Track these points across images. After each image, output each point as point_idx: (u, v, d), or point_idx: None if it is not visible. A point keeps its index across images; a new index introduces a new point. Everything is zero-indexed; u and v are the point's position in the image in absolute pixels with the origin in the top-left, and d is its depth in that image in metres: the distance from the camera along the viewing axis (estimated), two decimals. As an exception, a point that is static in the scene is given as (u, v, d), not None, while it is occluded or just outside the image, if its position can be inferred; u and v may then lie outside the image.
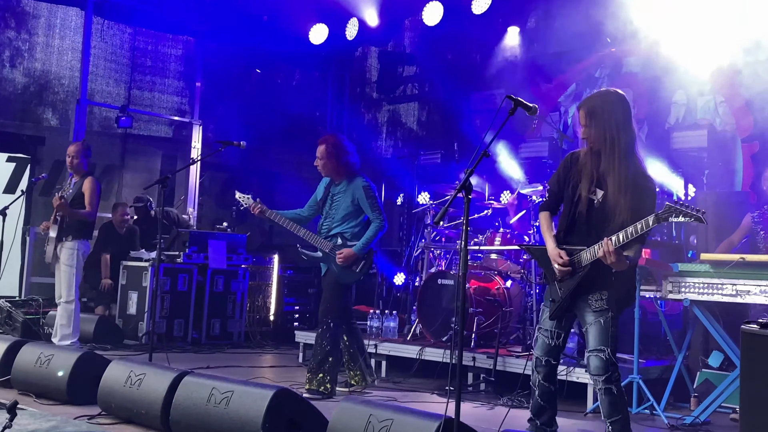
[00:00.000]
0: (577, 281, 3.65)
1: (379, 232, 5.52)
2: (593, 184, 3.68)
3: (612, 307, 3.64)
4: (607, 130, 3.63)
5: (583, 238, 3.69)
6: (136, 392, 4.31)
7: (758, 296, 4.82)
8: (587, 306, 3.67)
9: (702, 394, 5.30)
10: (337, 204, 5.59)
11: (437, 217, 3.66)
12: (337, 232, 5.56)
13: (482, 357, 5.88)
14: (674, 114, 7.95)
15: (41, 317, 7.65)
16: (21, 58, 9.40)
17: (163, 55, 10.39)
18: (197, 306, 8.31)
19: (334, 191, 5.64)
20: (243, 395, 3.85)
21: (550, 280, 3.83)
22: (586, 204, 3.68)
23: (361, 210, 5.55)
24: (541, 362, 3.79)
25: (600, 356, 3.60)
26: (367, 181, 5.60)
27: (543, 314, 3.86)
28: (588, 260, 3.61)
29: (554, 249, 3.73)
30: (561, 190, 3.86)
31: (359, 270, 5.53)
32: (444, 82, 9.63)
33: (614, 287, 3.67)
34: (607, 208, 3.63)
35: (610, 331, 3.61)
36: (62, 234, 6.55)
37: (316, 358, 5.46)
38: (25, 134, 9.25)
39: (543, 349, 3.80)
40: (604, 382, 3.60)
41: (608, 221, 3.61)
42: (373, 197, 5.54)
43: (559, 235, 3.79)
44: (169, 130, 10.58)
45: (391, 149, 10.48)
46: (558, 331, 3.78)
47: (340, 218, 5.57)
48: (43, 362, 4.97)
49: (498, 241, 6.85)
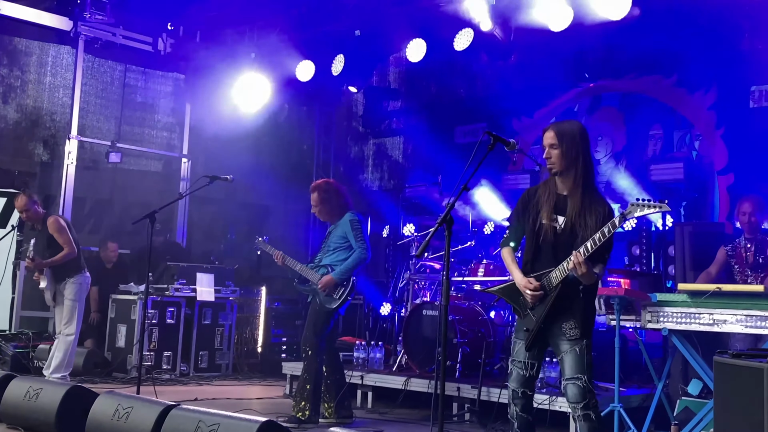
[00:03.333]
0: (550, 302, 3.70)
1: (360, 261, 5.68)
2: (553, 212, 3.78)
3: (586, 334, 3.70)
4: (572, 152, 3.74)
5: (549, 264, 3.76)
6: (124, 425, 4.33)
7: (734, 325, 4.91)
8: (561, 334, 3.72)
9: (682, 422, 5.33)
10: (331, 239, 5.82)
11: (419, 250, 3.74)
12: (326, 263, 5.76)
13: (467, 387, 5.94)
14: (651, 147, 8.16)
15: (31, 351, 7.69)
16: (13, 94, 9.53)
17: (153, 91, 10.56)
18: (185, 338, 8.37)
19: (331, 230, 5.91)
20: (229, 428, 3.88)
21: (521, 313, 3.87)
22: (550, 231, 3.77)
23: (350, 244, 5.73)
24: (517, 394, 3.81)
25: (577, 384, 3.64)
26: (356, 215, 5.82)
27: (515, 347, 3.88)
28: (558, 278, 3.67)
29: (522, 278, 3.78)
30: (521, 225, 3.93)
31: (339, 296, 5.65)
32: (428, 116, 9.84)
33: (584, 311, 3.73)
34: (570, 231, 3.72)
35: (586, 358, 3.66)
36: (58, 278, 6.64)
37: (298, 386, 5.66)
38: (17, 169, 9.33)
39: (518, 381, 3.80)
40: (582, 409, 3.64)
41: (572, 243, 3.69)
42: (358, 229, 5.72)
43: (526, 266, 3.86)
44: (159, 165, 10.70)
45: (377, 182, 10.64)
46: (532, 362, 3.80)
47: (331, 251, 5.79)
48: (32, 396, 4.99)
49: (481, 272, 6.98)
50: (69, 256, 6.64)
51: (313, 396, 5.56)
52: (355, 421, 5.87)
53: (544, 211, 3.79)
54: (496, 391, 5.81)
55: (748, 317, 4.83)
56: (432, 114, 9.81)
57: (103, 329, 8.41)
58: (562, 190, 3.82)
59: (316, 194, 5.81)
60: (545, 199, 3.81)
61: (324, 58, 9.42)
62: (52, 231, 6.63)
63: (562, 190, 3.82)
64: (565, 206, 3.78)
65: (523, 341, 3.82)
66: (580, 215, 3.70)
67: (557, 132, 3.78)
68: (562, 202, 3.80)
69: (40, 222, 6.75)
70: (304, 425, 5.49)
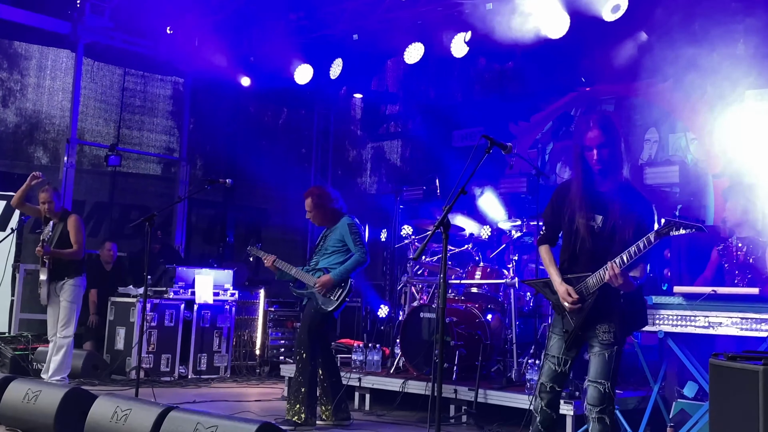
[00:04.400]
0: (587, 310, 3.67)
1: (359, 264, 5.73)
2: (591, 210, 3.71)
3: (619, 341, 3.68)
4: (619, 150, 3.70)
5: (586, 265, 3.69)
6: (122, 427, 4.34)
7: (729, 327, 4.93)
8: (595, 336, 3.69)
9: (678, 424, 5.35)
10: (328, 242, 5.87)
11: (417, 253, 3.78)
12: (323, 266, 5.80)
13: (464, 389, 5.96)
14: (647, 151, 8.21)
15: (30, 353, 7.71)
16: (13, 98, 9.58)
17: (152, 95, 10.62)
18: (184, 341, 8.40)
19: (326, 233, 5.97)
20: (227, 430, 3.89)
21: (560, 311, 3.82)
22: (586, 231, 3.70)
23: (348, 248, 5.78)
24: (546, 388, 3.78)
25: (599, 388, 3.64)
26: (353, 219, 5.87)
27: (550, 341, 3.83)
28: (595, 285, 3.62)
29: (561, 285, 3.72)
30: (557, 221, 3.86)
31: (336, 298, 5.68)
32: (426, 120, 9.90)
33: (623, 316, 3.69)
34: (609, 231, 3.66)
35: (613, 364, 3.65)
36: (55, 275, 6.66)
37: (291, 389, 5.68)
38: (16, 173, 9.36)
39: (549, 375, 3.78)
40: (598, 412, 3.65)
41: (611, 243, 3.63)
42: (356, 233, 5.78)
43: (563, 266, 3.80)
44: (158, 168, 10.76)
45: (375, 185, 10.69)
46: (566, 358, 3.77)
47: (328, 254, 5.84)
48: (31, 398, 5.00)
49: (478, 275, 7.01)
50: (75, 255, 6.69)
51: (308, 398, 5.57)
52: (353, 423, 5.90)
53: (582, 209, 3.71)
54: (493, 393, 5.85)
55: (743, 320, 4.87)
56: (430, 118, 9.86)
57: (102, 332, 8.44)
58: (601, 185, 3.74)
59: (309, 200, 5.88)
60: (581, 196, 3.72)
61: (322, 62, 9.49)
62: (71, 227, 6.69)
63: (601, 185, 3.74)
64: (604, 204, 3.71)
65: (559, 337, 3.79)
66: (619, 215, 3.64)
67: (604, 129, 3.68)
68: (600, 198, 3.72)
69: (57, 216, 6.80)
70: (301, 428, 5.51)
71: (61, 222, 6.77)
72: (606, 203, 3.70)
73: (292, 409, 5.58)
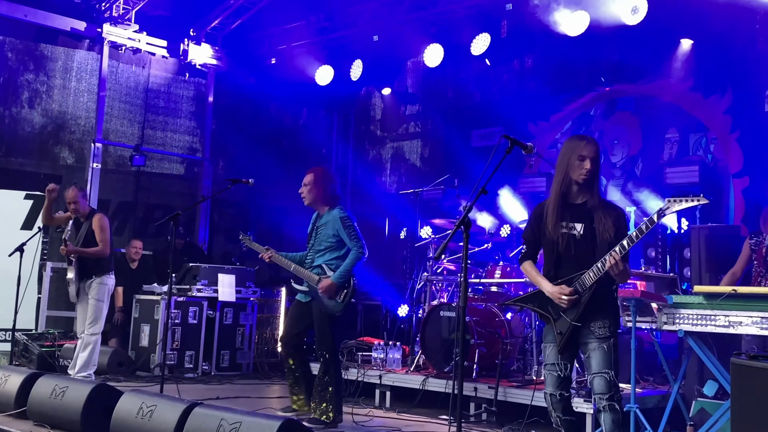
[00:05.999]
0: (584, 304, 3.78)
1: (358, 260, 5.57)
2: (569, 220, 3.90)
3: (614, 333, 3.81)
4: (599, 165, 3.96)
5: (572, 270, 3.86)
6: (148, 423, 4.37)
7: (750, 327, 4.91)
8: (590, 333, 3.80)
9: (698, 423, 5.33)
10: (321, 236, 5.69)
11: (438, 252, 3.79)
12: (320, 263, 5.66)
13: (484, 387, 6.01)
14: (667, 150, 8.21)
15: (57, 350, 7.84)
16: (39, 99, 9.76)
17: (175, 96, 10.77)
18: (207, 338, 8.51)
19: (318, 224, 5.77)
20: (251, 426, 3.91)
21: (552, 318, 3.93)
22: (569, 239, 3.88)
23: (343, 242, 5.63)
24: (555, 398, 3.86)
25: (604, 377, 3.73)
26: (345, 211, 5.70)
27: (545, 351, 3.94)
28: (592, 280, 3.76)
29: (552, 287, 3.87)
30: (537, 239, 4.03)
31: (341, 300, 5.57)
32: (445, 120, 9.94)
33: (615, 310, 3.86)
34: (589, 236, 3.84)
35: (613, 355, 3.76)
36: (83, 274, 6.75)
37: (317, 389, 5.56)
38: (42, 172, 9.55)
39: (553, 384, 3.87)
40: (608, 400, 3.73)
41: (593, 248, 3.82)
42: (350, 226, 5.60)
43: (548, 276, 3.92)
44: (181, 167, 10.91)
45: (394, 185, 10.74)
46: (564, 363, 3.86)
47: (323, 250, 5.67)
48: (58, 394, 5.04)
49: (498, 274, 7.05)
50: (100, 254, 6.76)
51: (336, 397, 5.54)
52: (374, 420, 5.97)
53: (559, 221, 3.90)
54: (512, 391, 5.90)
55: (764, 319, 4.87)
56: (449, 118, 9.90)
57: (127, 329, 8.57)
58: (577, 198, 3.94)
59: (312, 175, 5.73)
60: (560, 210, 3.91)
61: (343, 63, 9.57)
62: (96, 227, 6.74)
63: (577, 198, 3.94)
64: (581, 213, 3.90)
65: (553, 344, 3.89)
66: (600, 220, 3.84)
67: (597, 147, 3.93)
68: (577, 209, 3.92)
69: (84, 215, 6.90)
70: (329, 428, 5.46)
71: (87, 221, 6.86)
72: (584, 213, 3.90)
73: (319, 408, 5.50)
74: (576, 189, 3.92)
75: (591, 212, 3.89)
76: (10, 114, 9.54)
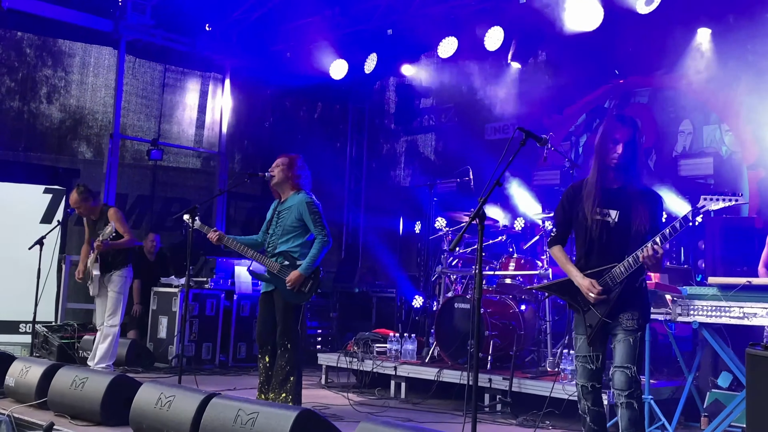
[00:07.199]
0: (614, 298, 3.73)
1: (324, 249, 5.37)
2: (606, 206, 3.78)
3: (642, 326, 3.77)
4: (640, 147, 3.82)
5: (603, 257, 3.76)
6: (166, 413, 4.40)
7: (765, 318, 4.91)
8: (619, 324, 3.75)
9: (712, 414, 5.35)
10: (282, 221, 5.46)
11: (452, 244, 3.78)
12: (282, 250, 5.41)
13: (498, 378, 6.02)
14: (681, 142, 8.19)
15: (76, 341, 7.94)
16: (57, 94, 9.89)
17: (191, 90, 10.88)
18: (224, 330, 8.60)
19: (280, 209, 5.54)
20: (268, 416, 3.93)
21: (581, 309, 3.86)
22: (603, 227, 3.78)
23: (307, 228, 5.41)
24: (587, 389, 3.81)
25: (626, 372, 3.69)
26: (311, 197, 5.48)
27: (577, 342, 3.87)
28: (624, 273, 3.68)
29: (584, 279, 3.78)
30: (568, 221, 3.92)
31: (308, 290, 5.39)
32: (459, 114, 9.97)
33: (644, 302, 3.79)
34: (625, 226, 3.74)
35: (637, 349, 3.72)
36: (103, 268, 6.81)
37: (277, 379, 5.37)
38: (61, 167, 9.68)
39: (585, 375, 3.82)
40: (626, 397, 3.69)
41: (626, 236, 3.70)
42: (316, 212, 5.39)
43: (579, 262, 3.85)
44: (198, 161, 11.01)
45: (409, 178, 10.80)
46: (596, 354, 3.81)
47: (285, 235, 5.42)
48: (78, 385, 5.10)
49: (512, 266, 7.08)
50: (130, 243, 6.85)
51: (296, 387, 5.39)
52: (390, 410, 6.03)
53: (595, 206, 3.79)
54: (526, 383, 5.92)
55: (778, 311, 4.88)
56: (463, 111, 9.93)
57: (146, 321, 8.67)
58: (613, 183, 3.82)
59: (287, 158, 5.55)
60: (594, 194, 3.80)
61: (357, 57, 9.61)
62: (114, 220, 6.73)
63: (613, 183, 3.82)
64: (617, 199, 3.79)
65: (584, 336, 3.84)
66: (636, 208, 3.73)
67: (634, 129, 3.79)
68: (614, 194, 3.80)
69: (96, 213, 6.94)
70: None
71: (101, 218, 6.88)
72: (620, 199, 3.78)
73: (278, 398, 5.35)
74: (612, 173, 3.80)
75: (628, 199, 3.75)
76: (29, 109, 9.67)
